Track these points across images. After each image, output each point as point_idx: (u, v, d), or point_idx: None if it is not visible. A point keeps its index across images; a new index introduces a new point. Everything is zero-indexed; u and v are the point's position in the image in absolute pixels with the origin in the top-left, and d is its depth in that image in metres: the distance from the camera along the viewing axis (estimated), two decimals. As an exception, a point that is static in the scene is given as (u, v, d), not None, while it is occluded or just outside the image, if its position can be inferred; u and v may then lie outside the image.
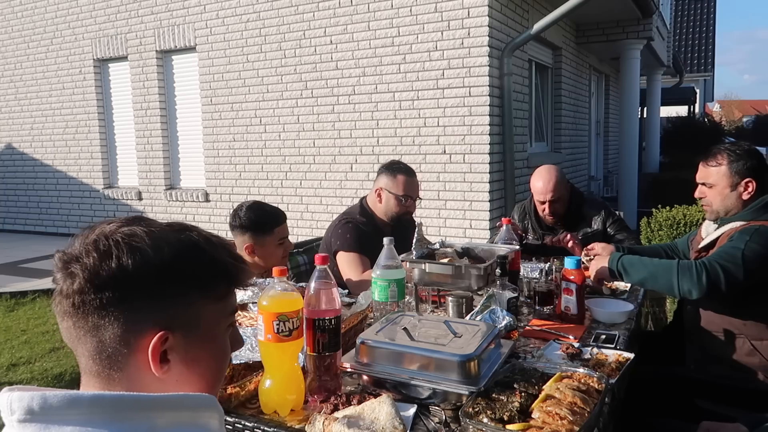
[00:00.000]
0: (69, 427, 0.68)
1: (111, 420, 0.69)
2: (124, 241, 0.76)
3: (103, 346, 0.76)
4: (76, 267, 0.75)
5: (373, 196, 2.84)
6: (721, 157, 2.13)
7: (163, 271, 0.77)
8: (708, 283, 1.91)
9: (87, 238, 0.78)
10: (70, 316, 0.77)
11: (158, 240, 0.78)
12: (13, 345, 4.35)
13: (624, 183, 8.38)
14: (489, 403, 1.35)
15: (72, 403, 0.69)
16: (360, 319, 1.87)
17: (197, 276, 0.80)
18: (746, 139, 18.33)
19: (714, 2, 19.81)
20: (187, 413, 0.74)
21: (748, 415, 1.80)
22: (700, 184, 2.21)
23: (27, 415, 0.68)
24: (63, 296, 0.77)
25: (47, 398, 0.69)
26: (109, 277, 0.74)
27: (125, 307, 0.75)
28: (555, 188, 2.94)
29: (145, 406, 0.72)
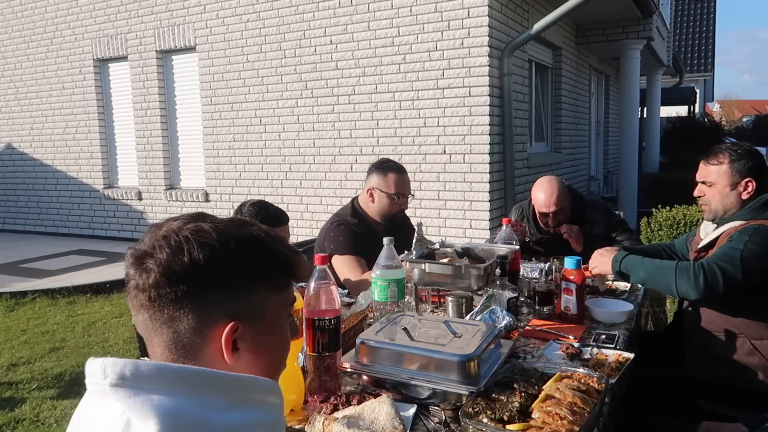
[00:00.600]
0: (155, 395, 0.72)
1: (192, 392, 0.74)
2: (193, 236, 0.80)
3: (179, 337, 0.81)
4: (151, 262, 0.79)
5: (365, 196, 2.82)
6: (723, 156, 2.13)
7: (232, 264, 0.81)
8: (705, 285, 1.91)
9: (156, 235, 0.82)
10: (147, 309, 0.80)
11: (224, 235, 0.82)
12: (13, 345, 4.35)
13: (624, 183, 8.37)
14: (489, 403, 1.35)
15: (160, 372, 0.75)
16: (360, 319, 1.87)
17: (261, 268, 0.84)
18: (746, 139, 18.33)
19: (714, 2, 19.82)
20: (257, 394, 0.79)
21: (748, 415, 1.80)
22: (700, 182, 2.21)
23: (119, 380, 0.73)
24: (139, 290, 0.80)
25: (139, 366, 0.74)
26: (183, 271, 0.79)
27: (198, 299, 0.80)
28: (557, 201, 2.92)
29: (222, 382, 0.77)
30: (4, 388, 3.61)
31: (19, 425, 3.14)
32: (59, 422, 3.15)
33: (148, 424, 0.70)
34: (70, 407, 3.31)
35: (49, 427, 3.11)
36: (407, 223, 2.99)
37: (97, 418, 0.75)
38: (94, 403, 0.76)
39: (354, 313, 1.87)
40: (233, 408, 0.76)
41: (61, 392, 3.53)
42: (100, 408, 0.75)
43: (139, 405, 0.71)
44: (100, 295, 5.59)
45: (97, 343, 4.34)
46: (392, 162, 2.86)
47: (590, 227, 3.04)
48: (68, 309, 5.20)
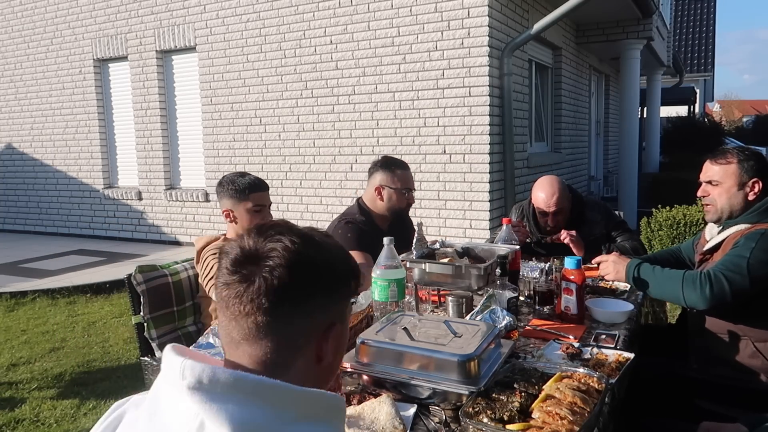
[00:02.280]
0: (230, 404, 0.74)
1: (265, 404, 0.76)
2: (306, 246, 0.85)
3: (280, 341, 0.83)
4: (270, 269, 0.81)
5: (372, 194, 2.84)
6: (731, 156, 2.11)
7: (335, 273, 0.88)
8: (712, 296, 1.90)
9: (267, 242, 0.84)
10: (257, 314, 0.82)
11: (328, 245, 0.89)
12: (13, 345, 4.35)
13: (624, 183, 8.37)
14: (489, 403, 1.35)
15: (237, 382, 0.76)
16: (360, 319, 1.87)
17: (348, 275, 0.91)
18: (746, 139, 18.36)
19: (714, 2, 19.81)
20: (325, 410, 0.81)
21: (748, 416, 1.80)
22: (705, 182, 2.18)
23: (197, 384, 0.75)
24: (252, 295, 0.81)
25: (216, 373, 0.76)
26: (303, 279, 0.83)
27: (310, 304, 0.84)
28: (558, 201, 2.93)
29: (294, 396, 0.78)
30: (4, 388, 3.61)
31: (19, 425, 3.14)
32: (59, 422, 3.15)
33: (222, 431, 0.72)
34: (70, 407, 3.31)
35: (49, 427, 3.11)
36: (409, 223, 3.02)
37: (171, 411, 0.78)
38: (170, 395, 0.79)
39: (354, 313, 1.87)
40: (302, 422, 0.77)
41: (61, 392, 3.52)
42: (176, 401, 0.77)
43: (215, 412, 0.73)
44: (100, 295, 5.59)
45: (97, 343, 4.34)
46: (395, 158, 2.92)
47: (590, 228, 3.04)
48: (68, 309, 5.20)
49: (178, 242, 7.73)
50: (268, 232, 0.85)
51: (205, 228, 7.47)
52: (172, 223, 7.78)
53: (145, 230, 7.99)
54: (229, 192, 2.42)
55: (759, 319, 2.01)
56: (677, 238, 5.73)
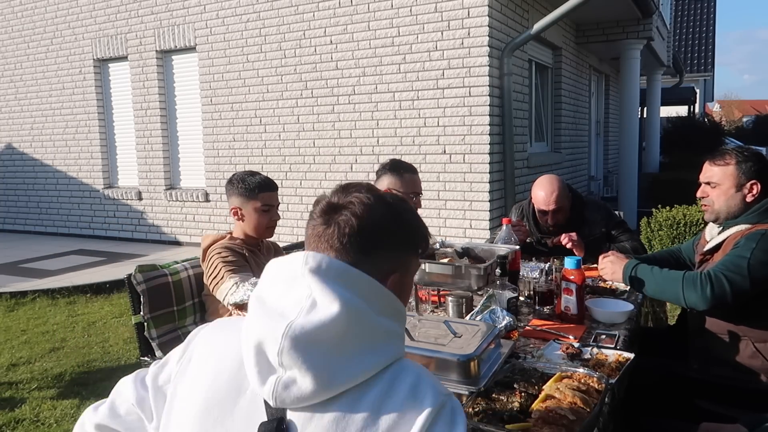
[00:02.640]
0: (339, 287, 0.90)
1: (362, 293, 0.92)
2: (372, 202, 1.00)
3: None
4: (350, 215, 0.97)
5: None
6: (730, 157, 2.11)
7: (398, 229, 1.02)
8: (713, 296, 1.90)
9: (350, 196, 1.00)
10: (334, 251, 0.97)
11: (401, 206, 1.04)
12: (13, 345, 4.35)
13: (624, 183, 8.37)
14: (489, 403, 1.35)
15: (345, 271, 0.93)
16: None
17: (415, 235, 1.06)
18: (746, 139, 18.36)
19: (714, 2, 19.81)
20: (398, 314, 0.99)
21: (748, 416, 1.80)
22: (704, 183, 2.19)
23: (317, 268, 0.92)
24: (331, 234, 0.97)
25: (332, 262, 0.93)
26: (375, 228, 0.98)
27: (379, 252, 0.99)
28: (557, 200, 2.92)
29: (382, 294, 0.96)
30: (4, 388, 3.61)
31: (19, 425, 3.14)
32: (59, 422, 3.15)
33: (332, 305, 0.88)
34: (70, 407, 3.31)
35: (49, 427, 3.11)
36: None
37: (281, 300, 0.93)
38: (277, 290, 0.94)
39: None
40: (383, 316, 0.94)
41: (61, 392, 3.53)
42: (284, 293, 0.93)
43: (328, 291, 0.89)
44: (100, 295, 5.59)
45: (97, 343, 4.34)
46: (404, 162, 2.91)
47: (590, 228, 3.04)
48: (68, 309, 5.20)
49: (178, 242, 7.73)
50: (350, 189, 1.02)
51: (205, 228, 7.47)
52: (172, 223, 7.78)
53: (145, 230, 7.99)
54: (238, 190, 2.44)
55: (759, 319, 2.01)
56: (677, 238, 5.73)
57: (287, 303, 0.91)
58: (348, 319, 0.88)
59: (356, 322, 0.89)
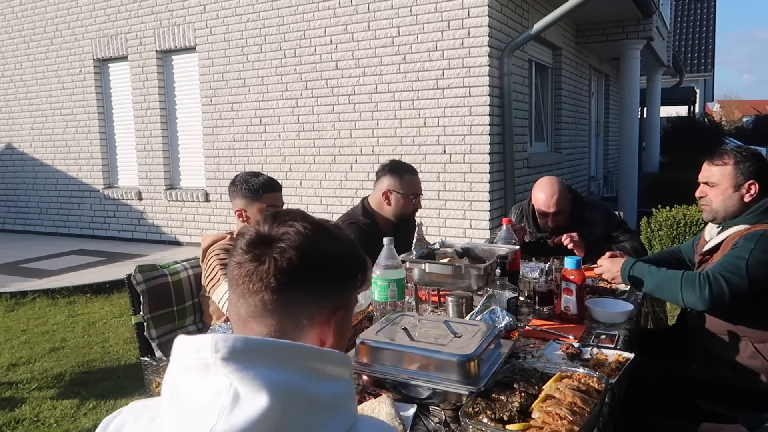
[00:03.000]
0: (264, 369, 0.76)
1: (294, 366, 0.79)
2: (321, 233, 0.90)
3: (286, 321, 0.88)
4: (285, 250, 0.86)
5: (378, 198, 2.84)
6: (728, 157, 2.12)
7: (341, 261, 0.92)
8: (711, 297, 1.90)
9: (284, 226, 0.89)
10: (266, 292, 0.86)
11: (342, 236, 0.94)
12: (13, 345, 4.35)
13: (624, 183, 8.37)
14: (489, 403, 1.35)
15: (268, 347, 0.79)
16: (360, 319, 1.87)
17: (355, 267, 0.95)
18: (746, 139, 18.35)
19: (714, 2, 19.81)
20: (340, 368, 0.84)
21: (748, 416, 1.80)
22: (702, 183, 2.19)
23: (230, 354, 0.76)
24: (263, 273, 0.86)
25: (248, 341, 0.78)
26: (316, 263, 0.88)
27: (321, 289, 0.89)
28: (558, 202, 2.92)
29: (317, 356, 0.82)
30: (4, 388, 3.61)
31: (19, 425, 3.14)
32: (59, 422, 3.15)
33: (258, 397, 0.73)
34: (70, 407, 3.31)
35: (49, 427, 3.11)
36: (413, 226, 3.01)
37: (196, 392, 0.77)
38: (191, 378, 0.79)
39: (354, 313, 1.87)
40: (323, 381, 0.81)
41: (61, 392, 3.53)
42: (199, 382, 0.78)
43: (250, 379, 0.74)
44: (100, 295, 5.59)
45: (97, 343, 4.34)
46: (404, 163, 2.91)
47: (590, 228, 3.03)
48: (68, 309, 5.20)
49: (178, 242, 7.73)
50: (282, 218, 0.90)
51: (205, 228, 7.47)
52: (172, 223, 7.78)
53: (145, 230, 7.98)
54: (242, 192, 2.42)
55: (758, 319, 2.01)
56: (677, 238, 5.72)
57: (204, 397, 0.76)
58: (282, 407, 0.74)
59: (293, 406, 0.75)
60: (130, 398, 3.36)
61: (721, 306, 1.94)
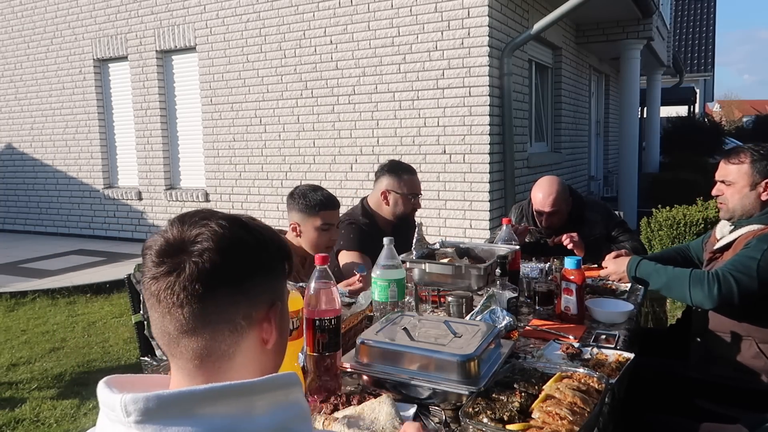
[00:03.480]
0: (187, 426, 0.69)
1: (223, 410, 0.71)
2: (236, 229, 0.82)
3: (219, 329, 0.79)
4: (199, 254, 0.77)
5: (377, 198, 2.84)
6: (744, 156, 2.10)
7: (266, 250, 0.84)
8: (720, 296, 1.89)
9: (194, 229, 0.80)
10: (192, 303, 0.77)
11: (259, 227, 0.86)
12: (13, 345, 4.35)
13: (624, 183, 8.37)
14: (489, 403, 1.35)
15: (186, 398, 0.71)
16: (360, 319, 1.87)
17: (281, 253, 0.88)
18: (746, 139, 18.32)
19: (714, 2, 19.82)
20: (281, 392, 0.77)
21: (749, 416, 1.80)
22: (719, 181, 2.18)
23: (143, 416, 0.69)
24: (183, 283, 0.76)
25: (161, 397, 0.70)
26: (236, 262, 0.79)
27: (247, 286, 0.81)
28: (554, 202, 2.92)
29: (249, 391, 0.74)
30: (4, 388, 3.61)
31: (19, 425, 3.14)
32: (59, 422, 3.15)
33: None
34: (70, 407, 3.31)
35: (49, 427, 3.11)
36: (412, 225, 3.01)
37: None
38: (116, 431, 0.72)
39: (354, 313, 1.87)
40: (263, 413, 0.74)
41: (61, 392, 3.53)
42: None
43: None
44: (100, 295, 5.59)
45: (97, 343, 4.34)
46: (403, 163, 2.91)
47: (590, 228, 3.04)
48: (68, 309, 5.20)
49: (178, 242, 7.72)
50: (192, 219, 0.81)
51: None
52: (172, 223, 7.77)
53: (145, 230, 7.98)
54: (299, 206, 2.37)
55: (764, 320, 2.00)
56: (677, 238, 5.72)
57: None
58: None
59: None
60: (130, 398, 3.36)
61: (729, 305, 1.92)
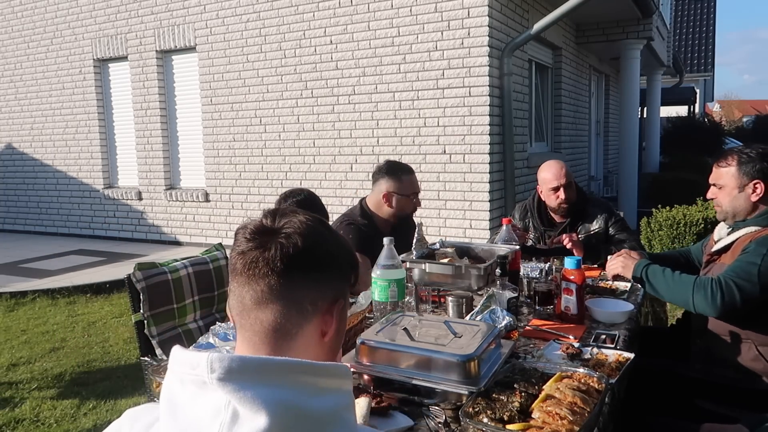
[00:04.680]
0: (262, 388, 0.76)
1: (291, 382, 0.79)
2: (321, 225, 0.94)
3: (289, 308, 0.89)
4: (292, 237, 0.88)
5: (378, 200, 2.84)
6: (732, 159, 2.13)
7: (340, 251, 0.95)
8: (723, 304, 1.90)
9: (288, 218, 0.92)
10: (272, 276, 0.87)
11: (336, 232, 0.97)
12: (13, 345, 4.35)
13: (624, 183, 8.37)
14: (489, 403, 1.35)
15: (264, 365, 0.79)
16: (360, 319, 1.87)
17: (354, 263, 0.99)
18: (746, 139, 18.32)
19: (714, 2, 19.81)
20: (338, 380, 0.84)
21: (749, 416, 1.80)
22: (712, 185, 2.22)
23: (226, 374, 0.76)
24: (270, 258, 0.87)
25: (244, 361, 0.78)
26: (320, 251, 0.91)
27: (323, 276, 0.91)
28: (567, 173, 3.00)
29: (314, 371, 0.82)
30: (4, 388, 3.61)
31: (19, 425, 3.14)
32: (59, 422, 3.15)
33: (258, 416, 0.74)
34: (70, 407, 3.31)
35: (49, 427, 3.11)
36: (412, 226, 3.02)
37: (195, 407, 0.78)
38: (188, 392, 0.79)
39: (354, 313, 1.87)
40: (321, 395, 0.80)
41: (61, 392, 3.53)
42: (196, 397, 0.78)
43: (249, 398, 0.75)
44: (100, 295, 5.59)
45: (97, 343, 4.34)
46: (400, 163, 2.92)
47: (591, 222, 3.06)
48: (68, 309, 5.20)
49: (178, 242, 7.73)
50: (284, 212, 0.93)
51: (205, 228, 7.47)
52: (172, 223, 7.78)
53: (145, 230, 7.98)
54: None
55: (763, 323, 2.00)
56: (677, 238, 5.72)
57: (202, 414, 0.77)
58: (281, 426, 0.75)
59: (292, 424, 0.76)
60: (130, 398, 3.37)
61: (733, 312, 1.93)
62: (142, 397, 3.20)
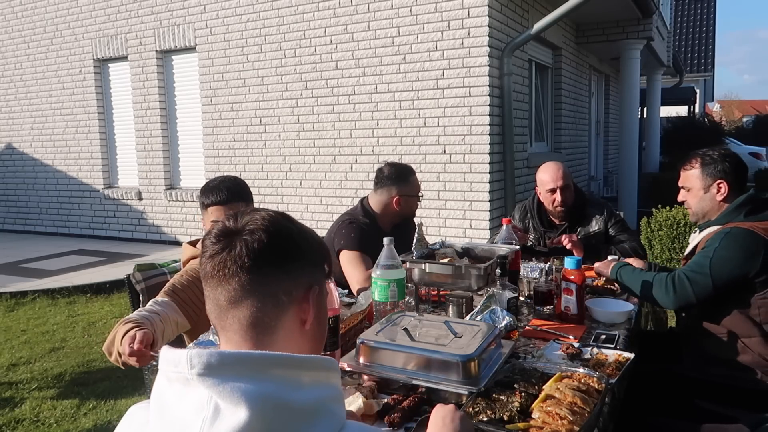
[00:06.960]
0: (241, 382, 0.77)
1: (272, 376, 0.80)
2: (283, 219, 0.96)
3: (265, 302, 0.90)
4: (255, 233, 0.90)
5: (385, 203, 2.84)
6: (695, 161, 2.24)
7: (306, 240, 0.97)
8: (676, 297, 2.02)
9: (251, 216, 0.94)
10: (243, 273, 0.89)
11: (296, 221, 0.99)
12: (13, 345, 4.35)
13: (624, 183, 8.37)
14: (489, 403, 1.35)
15: (243, 359, 0.80)
16: (360, 319, 1.87)
17: (324, 252, 1.01)
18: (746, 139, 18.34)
19: (714, 2, 19.81)
20: (323, 373, 0.85)
21: (749, 416, 1.80)
22: (681, 188, 2.33)
23: (205, 370, 0.78)
24: (237, 256, 0.89)
25: (223, 355, 0.79)
26: (284, 243, 0.93)
27: (292, 266, 0.93)
28: (564, 175, 3.00)
29: (296, 364, 0.83)
30: (4, 388, 3.61)
31: (19, 425, 3.14)
32: (59, 422, 3.15)
33: (238, 410, 0.75)
34: (70, 407, 3.31)
35: (49, 427, 3.11)
36: (413, 225, 3.02)
37: (180, 404, 0.80)
38: (174, 390, 0.81)
39: (354, 313, 1.87)
40: (306, 387, 0.81)
41: (61, 392, 3.53)
42: (182, 394, 0.80)
43: (228, 392, 0.76)
44: (100, 295, 5.59)
45: (97, 343, 4.34)
46: (404, 166, 2.94)
47: (591, 223, 3.06)
48: (68, 309, 5.20)
49: (178, 242, 7.73)
50: (245, 212, 0.96)
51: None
52: (172, 223, 7.78)
53: (145, 230, 7.98)
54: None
55: (740, 314, 2.05)
56: (677, 238, 5.72)
57: (187, 409, 0.78)
58: (262, 419, 0.75)
59: (273, 416, 0.76)
60: (130, 398, 3.37)
61: (690, 305, 2.04)
62: (142, 397, 3.19)
